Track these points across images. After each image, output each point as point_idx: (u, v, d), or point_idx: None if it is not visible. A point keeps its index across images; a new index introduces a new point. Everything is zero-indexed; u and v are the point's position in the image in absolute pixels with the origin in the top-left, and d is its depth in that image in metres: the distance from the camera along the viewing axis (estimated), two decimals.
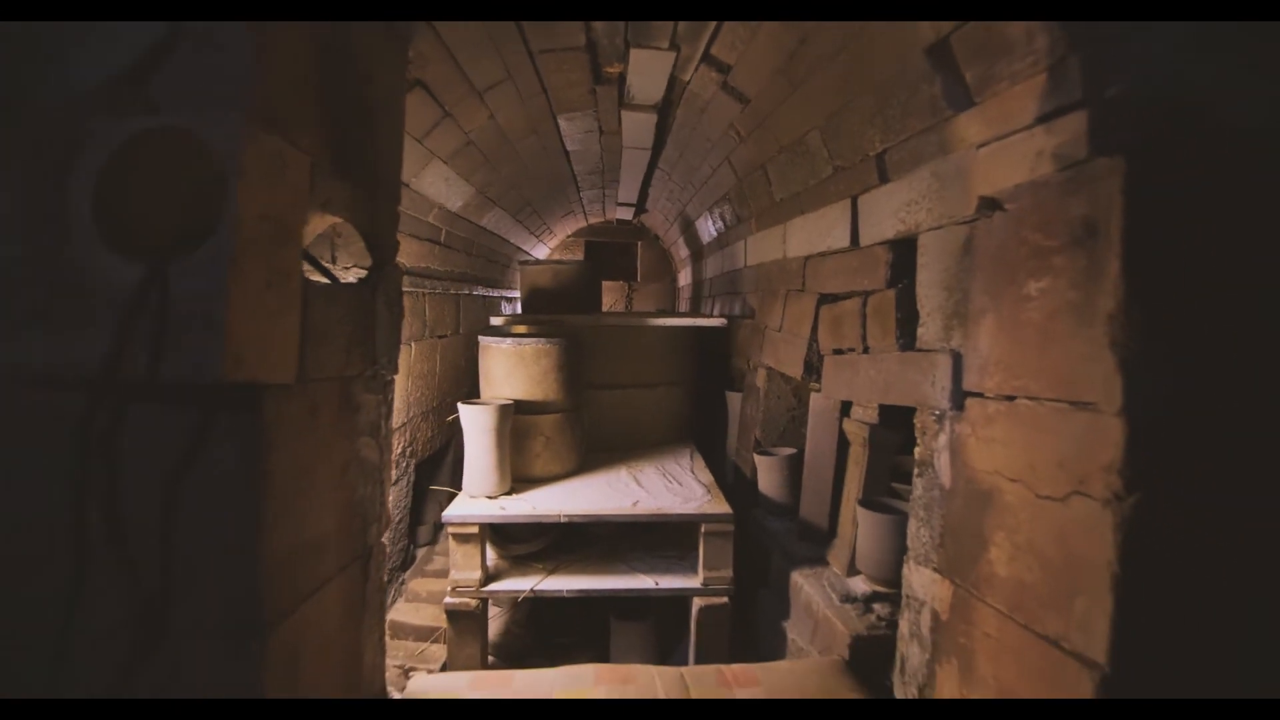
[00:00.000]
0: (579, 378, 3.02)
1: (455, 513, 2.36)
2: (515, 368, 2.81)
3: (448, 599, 2.35)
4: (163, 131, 1.01)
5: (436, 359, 3.73)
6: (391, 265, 1.63)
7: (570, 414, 2.92)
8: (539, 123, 3.35)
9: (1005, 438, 1.35)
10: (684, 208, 5.19)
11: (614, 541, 2.76)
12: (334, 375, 1.34)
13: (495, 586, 2.39)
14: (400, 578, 3.22)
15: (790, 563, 2.41)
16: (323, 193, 1.26)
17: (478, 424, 2.50)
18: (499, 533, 2.56)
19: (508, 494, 2.56)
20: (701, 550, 2.40)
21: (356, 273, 1.83)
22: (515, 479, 2.65)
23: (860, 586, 2.12)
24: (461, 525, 2.34)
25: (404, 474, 3.26)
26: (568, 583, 2.42)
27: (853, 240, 2.21)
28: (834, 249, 2.37)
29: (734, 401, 3.66)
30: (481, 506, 2.43)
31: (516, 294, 5.75)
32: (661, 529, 2.76)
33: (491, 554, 2.55)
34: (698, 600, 2.40)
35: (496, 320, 3.79)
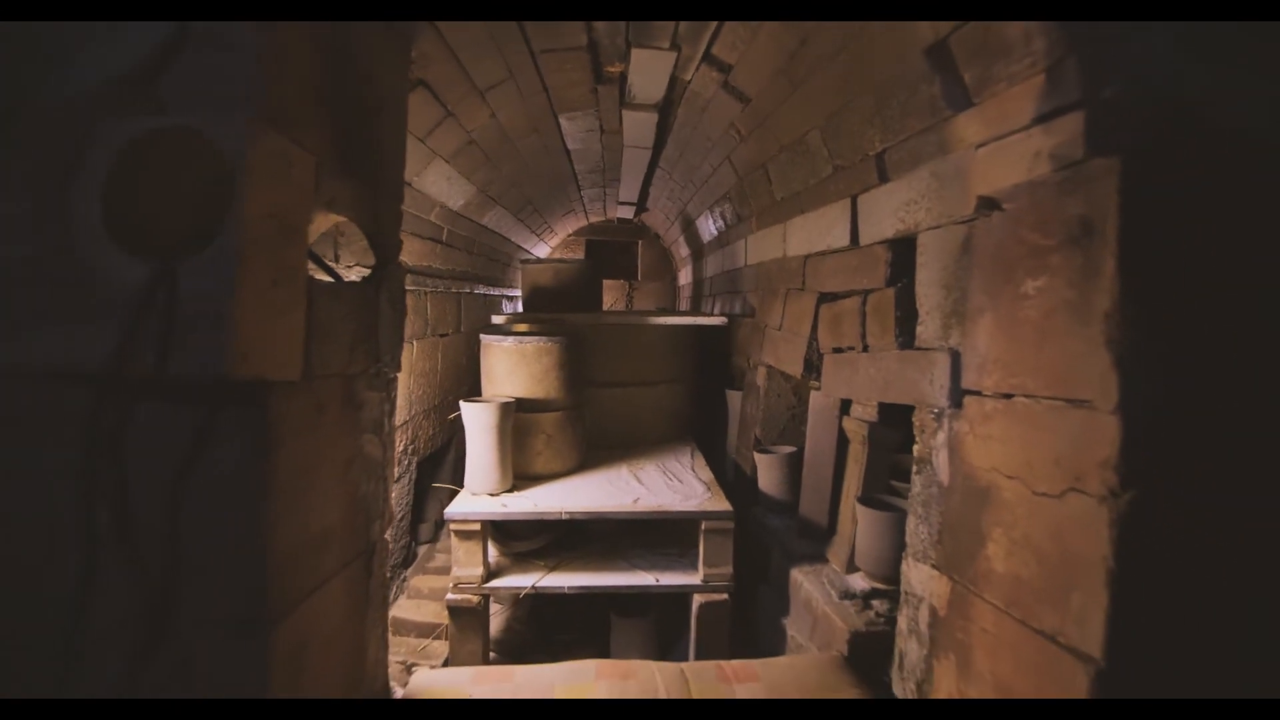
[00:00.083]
0: (580, 376, 3.04)
1: (457, 509, 2.38)
2: (517, 366, 2.82)
3: (450, 595, 2.36)
4: (170, 131, 1.02)
5: (438, 357, 3.74)
6: (395, 264, 1.64)
7: (571, 412, 2.93)
8: (540, 122, 3.36)
9: (1003, 435, 1.37)
10: (684, 207, 5.20)
11: (615, 539, 2.77)
12: (338, 372, 1.35)
13: (497, 583, 2.41)
14: (402, 575, 3.24)
15: (790, 560, 2.43)
16: (327, 192, 1.27)
17: (480, 421, 2.51)
18: (501, 530, 2.58)
19: (509, 491, 2.57)
20: (702, 547, 2.41)
21: (360, 271, 1.85)
22: (517, 476, 2.67)
23: (859, 583, 2.14)
24: (464, 522, 2.36)
25: (406, 472, 3.28)
26: (569, 579, 2.44)
27: (852, 239, 2.22)
28: (834, 248, 2.39)
29: (734, 400, 3.67)
30: (483, 503, 2.45)
31: (518, 292, 5.76)
32: (662, 526, 2.77)
33: (493, 551, 2.56)
34: (698, 597, 2.42)
35: (498, 318, 3.81)
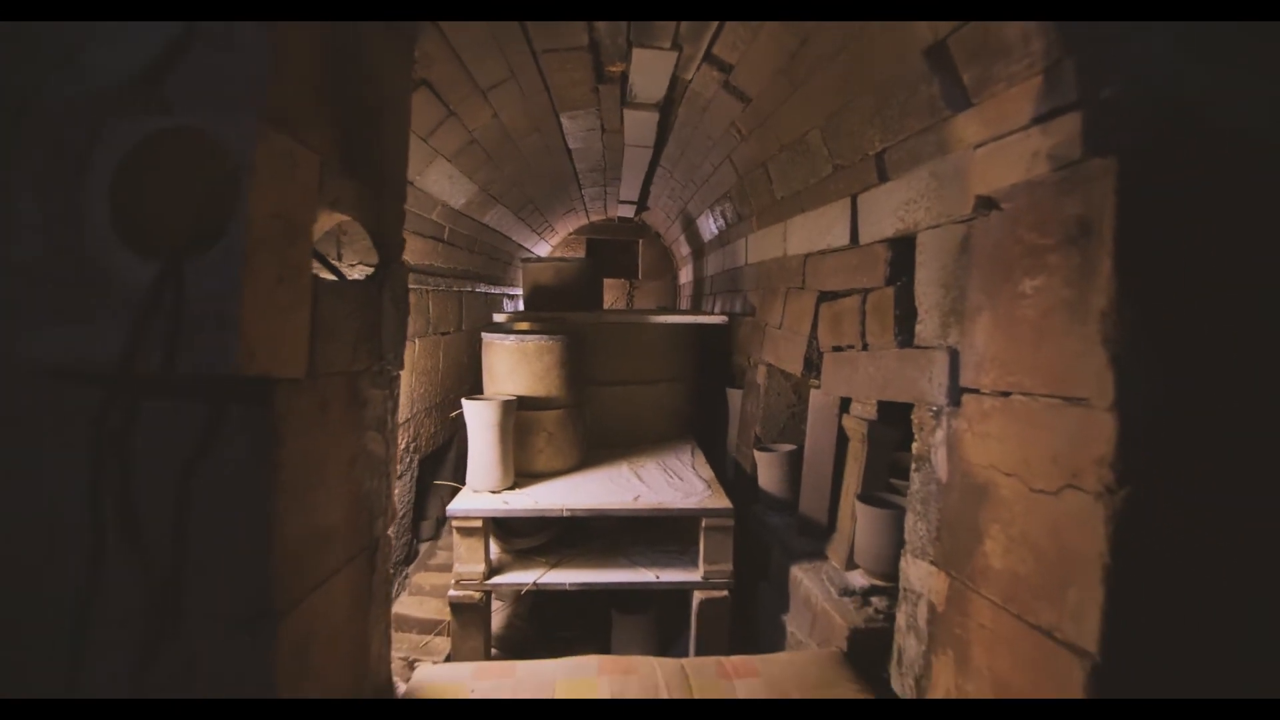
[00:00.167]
0: (581, 374, 3.05)
1: (460, 507, 2.39)
2: (518, 364, 2.83)
3: (452, 591, 2.38)
4: (177, 131, 1.03)
5: (440, 355, 3.76)
6: (398, 262, 1.65)
7: (572, 410, 2.95)
8: (541, 121, 3.37)
9: (1000, 433, 1.38)
10: (685, 205, 5.21)
11: (616, 536, 2.79)
12: (342, 370, 1.37)
13: (499, 579, 2.42)
14: (404, 572, 3.25)
15: (790, 557, 2.44)
16: (331, 191, 1.28)
17: (481, 419, 2.52)
18: (502, 526, 2.59)
19: (511, 489, 2.59)
20: (702, 544, 2.43)
21: (363, 270, 1.86)
22: (518, 474, 2.68)
23: (858, 580, 2.15)
24: (466, 519, 2.37)
25: (408, 469, 3.29)
26: (570, 576, 2.45)
27: (852, 238, 2.23)
28: (834, 247, 2.40)
29: (734, 398, 3.68)
30: (485, 501, 2.46)
31: (519, 291, 5.77)
32: (662, 524, 2.78)
33: (495, 548, 2.57)
34: (698, 594, 2.43)
35: (499, 317, 3.82)
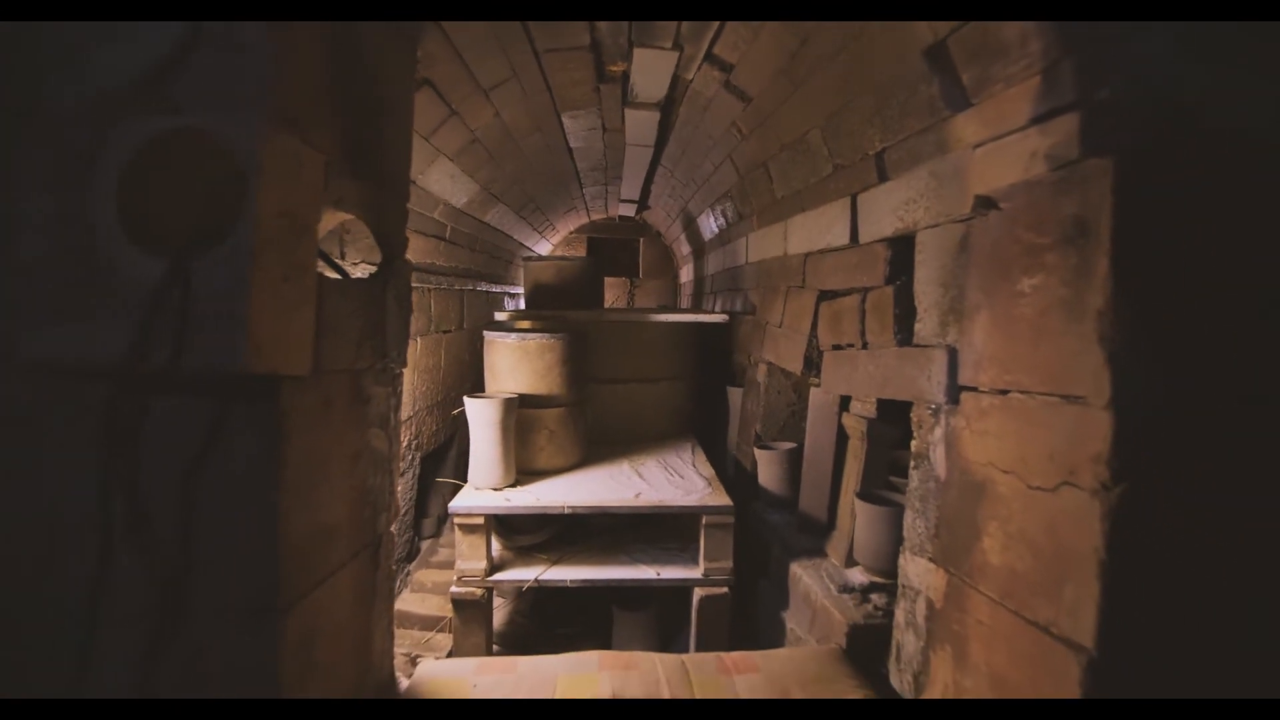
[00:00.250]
0: (582, 372, 3.06)
1: (462, 504, 2.41)
2: (519, 362, 2.85)
3: (454, 588, 2.39)
4: (184, 132, 1.04)
5: (441, 354, 3.77)
6: (401, 260, 1.66)
7: (573, 408, 2.96)
8: (543, 120, 3.38)
9: (998, 430, 1.39)
10: (686, 204, 5.22)
11: (616, 533, 2.80)
12: (346, 368, 1.38)
13: (500, 576, 2.44)
14: (405, 569, 3.27)
15: (789, 554, 2.45)
16: (336, 190, 1.30)
17: (483, 417, 2.54)
18: (504, 524, 2.61)
19: (512, 486, 2.60)
20: (702, 542, 2.44)
21: (366, 268, 1.87)
22: (520, 471, 2.69)
23: (858, 577, 2.17)
24: (468, 516, 2.39)
25: (410, 467, 3.30)
26: (571, 573, 2.47)
27: (852, 238, 2.24)
28: (834, 246, 2.41)
29: (735, 396, 3.70)
30: (487, 498, 2.48)
31: (520, 290, 5.78)
32: (663, 521, 2.79)
33: (496, 544, 2.59)
34: (698, 591, 2.45)
35: (501, 315, 3.83)
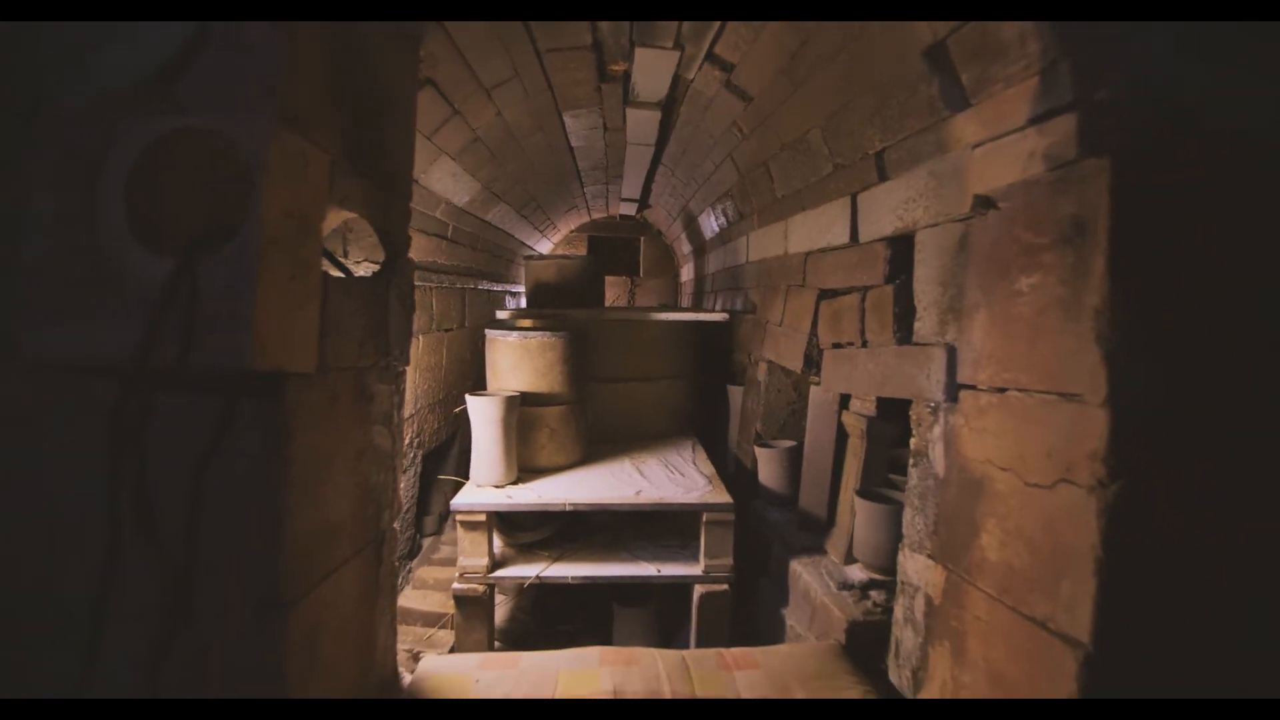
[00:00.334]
0: (583, 371, 3.07)
1: (464, 501, 2.42)
2: (521, 360, 2.86)
3: (455, 585, 2.41)
4: (191, 131, 1.05)
5: (443, 352, 3.78)
6: (404, 259, 1.67)
7: (575, 406, 2.97)
8: (544, 119, 3.39)
9: (997, 428, 1.40)
10: (687, 204, 5.23)
11: (617, 530, 2.82)
12: (350, 365, 1.39)
13: (502, 573, 2.45)
14: (407, 566, 3.28)
15: (789, 551, 2.46)
16: (340, 189, 1.31)
17: (485, 415, 2.55)
18: (505, 521, 2.62)
19: (514, 483, 2.62)
20: (703, 539, 2.45)
21: (369, 267, 1.89)
22: (521, 469, 2.71)
23: (857, 574, 2.18)
24: (470, 513, 2.40)
25: (412, 464, 3.32)
26: (572, 570, 2.48)
27: (852, 237, 2.25)
28: (834, 245, 2.42)
29: (735, 395, 3.71)
30: (489, 495, 2.49)
31: (521, 288, 5.80)
32: (664, 518, 2.81)
33: (498, 541, 2.60)
34: (699, 588, 2.46)
35: (502, 314, 3.84)
